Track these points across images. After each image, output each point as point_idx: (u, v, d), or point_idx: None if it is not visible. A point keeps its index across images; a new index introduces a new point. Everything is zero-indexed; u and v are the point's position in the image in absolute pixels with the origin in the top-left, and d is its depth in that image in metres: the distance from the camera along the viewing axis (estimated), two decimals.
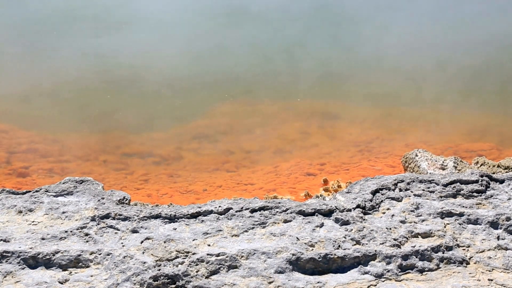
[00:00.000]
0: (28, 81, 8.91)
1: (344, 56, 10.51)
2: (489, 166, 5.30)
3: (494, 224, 3.36)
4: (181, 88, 9.00)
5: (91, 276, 2.85)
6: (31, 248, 3.00)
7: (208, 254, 2.97)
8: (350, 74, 9.66)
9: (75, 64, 9.64)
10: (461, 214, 3.43)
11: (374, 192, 3.66)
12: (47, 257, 2.95)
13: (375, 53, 10.62)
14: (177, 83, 9.14)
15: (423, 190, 3.70)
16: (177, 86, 9.05)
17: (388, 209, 3.51)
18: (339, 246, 3.09)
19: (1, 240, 3.06)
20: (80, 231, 3.18)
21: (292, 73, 9.64)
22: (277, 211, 3.41)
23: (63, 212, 3.38)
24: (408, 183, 3.78)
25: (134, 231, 3.22)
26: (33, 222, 3.28)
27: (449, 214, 3.44)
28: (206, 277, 2.84)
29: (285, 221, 3.34)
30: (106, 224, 3.26)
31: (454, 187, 3.73)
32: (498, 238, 3.26)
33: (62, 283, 2.80)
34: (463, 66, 9.83)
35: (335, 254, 3.02)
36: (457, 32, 11.54)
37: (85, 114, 7.93)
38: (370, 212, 3.48)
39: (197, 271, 2.87)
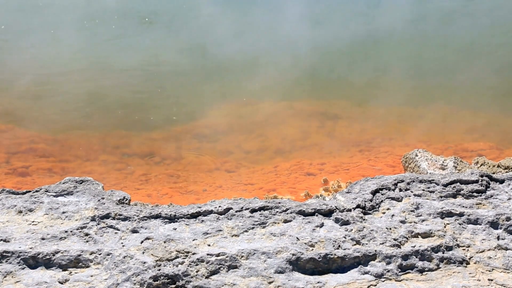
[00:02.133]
0: None
1: (343, 56, 10.50)
2: (489, 166, 5.30)
3: (494, 224, 3.36)
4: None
5: (91, 276, 2.85)
6: (31, 248, 3.00)
7: (208, 254, 2.97)
8: (350, 74, 9.65)
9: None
10: (461, 214, 3.43)
11: (374, 192, 3.66)
12: (47, 257, 2.95)
13: (374, 51, 10.61)
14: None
15: (423, 190, 3.70)
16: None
17: (388, 209, 3.51)
18: (339, 246, 3.09)
19: (1, 240, 3.06)
20: (80, 231, 3.18)
21: (291, 72, 9.64)
22: (277, 211, 3.41)
23: (63, 212, 3.38)
24: (408, 183, 3.78)
25: (134, 231, 3.22)
26: (33, 222, 3.28)
27: (449, 214, 3.44)
28: (206, 277, 2.84)
29: (285, 221, 3.34)
30: (106, 224, 3.26)
31: (454, 187, 3.72)
32: (498, 238, 3.26)
33: (62, 283, 2.80)
34: (463, 66, 9.82)
35: (335, 254, 3.02)
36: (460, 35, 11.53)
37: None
38: (370, 212, 3.48)
39: (197, 271, 2.87)
